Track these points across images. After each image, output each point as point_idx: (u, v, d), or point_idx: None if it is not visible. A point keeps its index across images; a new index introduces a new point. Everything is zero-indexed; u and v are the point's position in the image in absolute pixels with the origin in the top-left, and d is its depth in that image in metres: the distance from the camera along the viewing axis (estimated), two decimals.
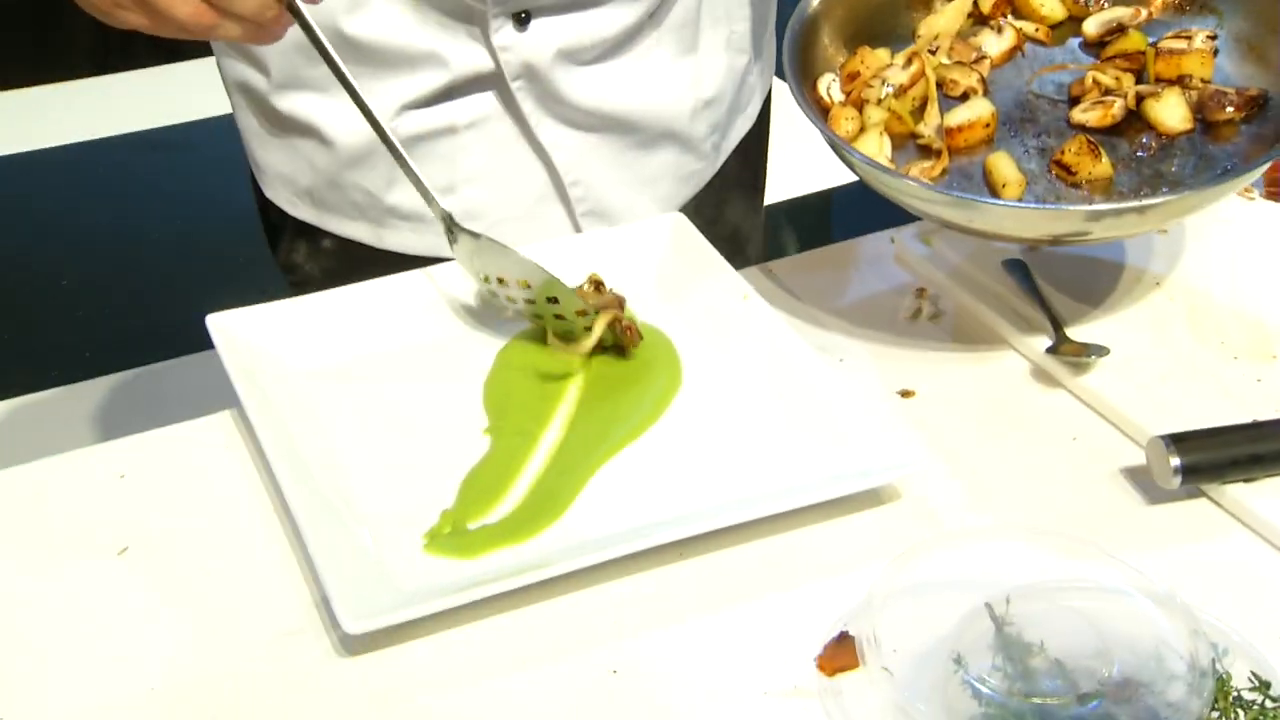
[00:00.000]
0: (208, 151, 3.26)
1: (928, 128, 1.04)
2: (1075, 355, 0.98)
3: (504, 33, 1.13)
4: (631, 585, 0.86)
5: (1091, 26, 1.09)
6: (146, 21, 0.91)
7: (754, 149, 1.36)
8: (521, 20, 1.13)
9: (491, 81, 1.16)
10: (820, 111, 1.07)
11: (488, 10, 1.12)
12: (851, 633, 0.80)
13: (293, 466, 0.91)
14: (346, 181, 1.19)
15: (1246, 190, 1.15)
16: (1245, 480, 0.88)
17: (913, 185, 0.98)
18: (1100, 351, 0.98)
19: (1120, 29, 1.07)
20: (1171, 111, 1.01)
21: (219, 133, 3.25)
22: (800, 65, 1.08)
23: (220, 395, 1.01)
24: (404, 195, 1.19)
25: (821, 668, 0.80)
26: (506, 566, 0.86)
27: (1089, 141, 1.00)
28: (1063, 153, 1.00)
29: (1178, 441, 0.87)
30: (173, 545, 0.90)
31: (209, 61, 1.24)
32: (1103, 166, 0.99)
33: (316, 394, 1.00)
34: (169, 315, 2.74)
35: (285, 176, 1.22)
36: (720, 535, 0.88)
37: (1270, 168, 1.14)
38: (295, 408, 0.98)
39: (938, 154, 1.02)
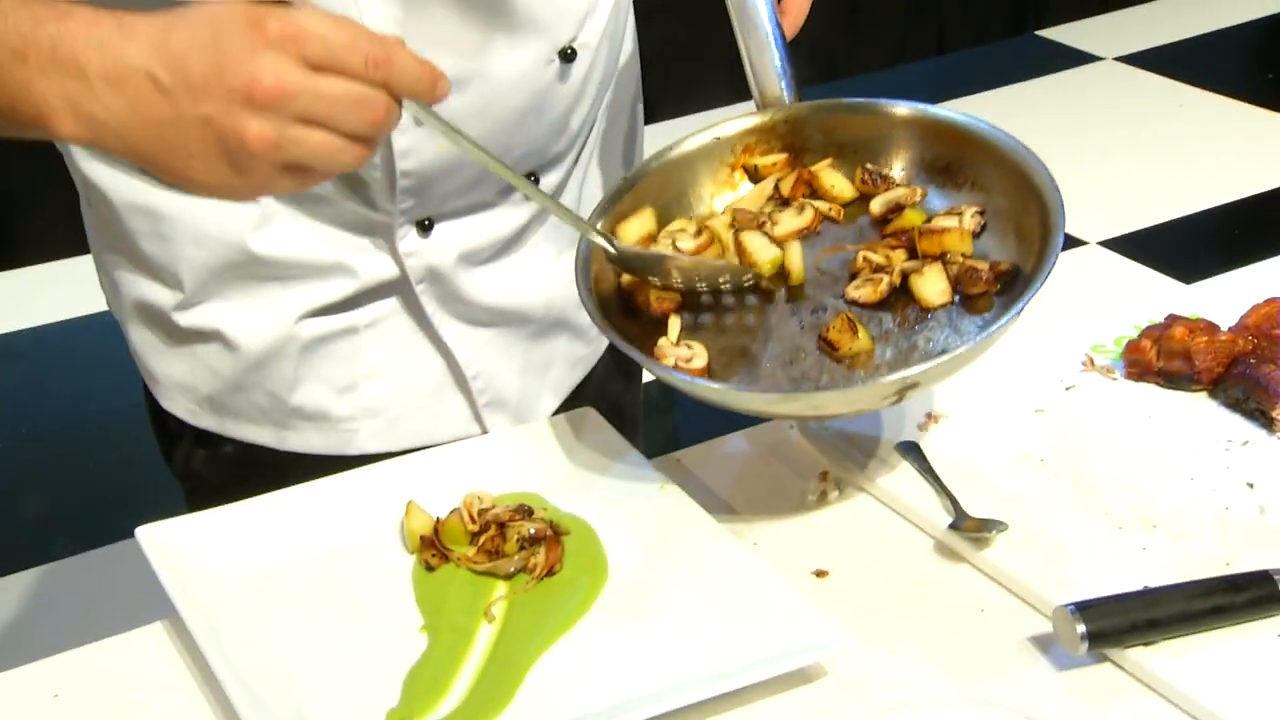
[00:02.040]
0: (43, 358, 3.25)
1: None
2: (975, 531, 1.05)
3: (409, 240, 1.18)
4: None
5: (876, 206, 1.16)
6: (294, 182, 0.90)
7: None
8: (425, 227, 1.18)
9: (396, 286, 1.20)
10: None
11: (394, 221, 1.17)
12: None
13: (239, 677, 0.92)
14: (250, 385, 1.20)
15: (1109, 372, 1.24)
16: (1145, 644, 0.94)
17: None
18: (999, 527, 1.05)
19: (900, 208, 1.15)
20: (931, 286, 1.09)
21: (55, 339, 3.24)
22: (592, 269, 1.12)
23: (130, 595, 1.01)
24: (307, 395, 1.22)
25: None
26: None
27: (849, 319, 1.07)
28: (827, 329, 1.08)
29: (1082, 610, 0.94)
30: None
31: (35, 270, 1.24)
32: (861, 342, 1.07)
33: (250, 601, 1.02)
34: (47, 517, 2.69)
35: (185, 386, 1.22)
36: None
37: (1128, 350, 1.25)
38: (231, 616, 0.99)
39: None
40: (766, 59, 1.18)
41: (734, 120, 1.20)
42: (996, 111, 4.36)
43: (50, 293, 3.34)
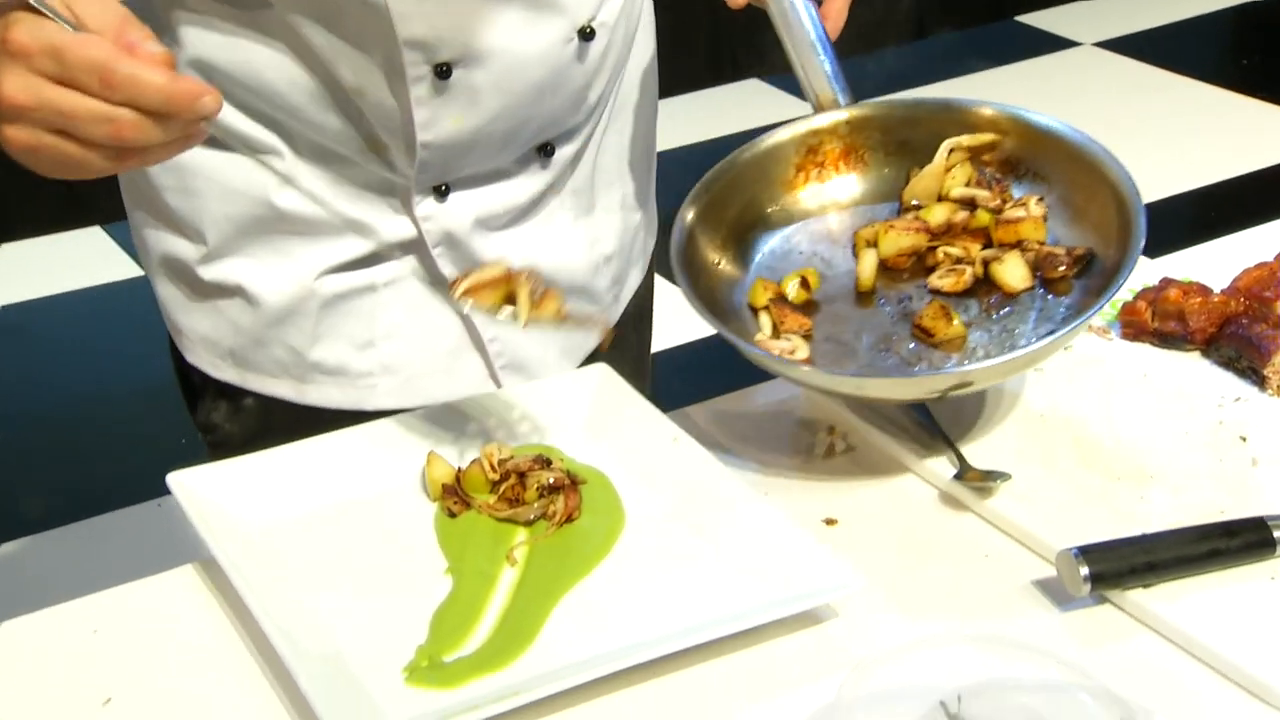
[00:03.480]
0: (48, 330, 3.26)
1: None
2: (979, 481, 1.09)
3: (425, 204, 1.21)
4: (601, 706, 0.92)
5: (956, 193, 1.21)
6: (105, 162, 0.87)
7: (645, 297, 1.45)
8: (441, 192, 1.21)
9: (413, 247, 1.23)
10: None
11: (411, 185, 1.20)
12: None
13: (272, 615, 0.95)
14: (271, 339, 1.24)
15: (1105, 332, 1.28)
16: (1144, 586, 0.99)
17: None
18: (1002, 477, 1.08)
19: (974, 205, 1.20)
20: (1013, 273, 1.15)
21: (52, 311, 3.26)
22: (689, 264, 1.16)
23: (160, 547, 1.04)
24: (327, 351, 1.25)
25: None
26: (488, 693, 0.91)
27: (942, 306, 1.13)
28: (921, 317, 1.14)
29: (1085, 553, 0.98)
30: (156, 694, 0.93)
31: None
32: (955, 328, 1.13)
33: (279, 543, 1.05)
34: (79, 475, 2.72)
35: (208, 340, 1.26)
36: (679, 658, 0.95)
37: (1124, 312, 1.29)
38: (260, 557, 1.02)
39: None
40: (815, 64, 1.21)
41: (798, 121, 1.24)
42: (975, 96, 4.42)
43: (44, 266, 3.35)
